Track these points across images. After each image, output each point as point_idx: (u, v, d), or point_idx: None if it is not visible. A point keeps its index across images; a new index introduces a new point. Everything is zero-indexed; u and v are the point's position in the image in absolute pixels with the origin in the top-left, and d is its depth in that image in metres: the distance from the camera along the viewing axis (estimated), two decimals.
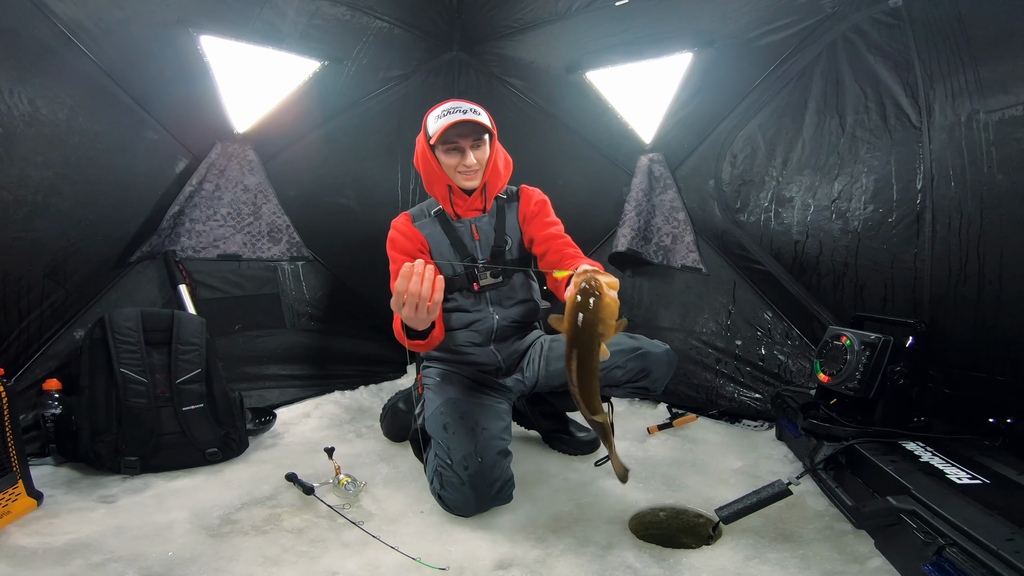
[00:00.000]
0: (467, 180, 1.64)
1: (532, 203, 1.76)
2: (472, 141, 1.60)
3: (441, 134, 1.56)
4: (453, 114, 1.56)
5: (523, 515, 1.52)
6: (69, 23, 1.77)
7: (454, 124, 1.54)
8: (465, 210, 1.71)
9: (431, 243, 1.71)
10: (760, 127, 2.21)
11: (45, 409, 1.76)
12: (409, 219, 1.74)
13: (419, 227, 1.71)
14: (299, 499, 1.59)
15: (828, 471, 1.52)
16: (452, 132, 1.56)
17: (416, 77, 2.74)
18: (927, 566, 1.06)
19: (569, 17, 2.48)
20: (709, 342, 2.41)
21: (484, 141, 1.62)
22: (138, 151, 2.05)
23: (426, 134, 1.63)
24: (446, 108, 1.59)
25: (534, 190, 1.81)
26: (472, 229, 1.71)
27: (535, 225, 1.74)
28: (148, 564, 1.26)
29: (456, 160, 1.61)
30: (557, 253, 1.67)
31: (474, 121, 1.55)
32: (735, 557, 1.33)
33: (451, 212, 1.71)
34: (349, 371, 2.64)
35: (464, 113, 1.56)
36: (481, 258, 1.71)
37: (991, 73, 1.61)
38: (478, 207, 1.71)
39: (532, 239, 1.74)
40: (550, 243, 1.69)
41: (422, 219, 1.73)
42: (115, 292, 2.08)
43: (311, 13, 2.29)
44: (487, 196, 1.70)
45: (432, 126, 1.60)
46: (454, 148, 1.60)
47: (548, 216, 1.77)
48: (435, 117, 1.60)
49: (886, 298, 1.95)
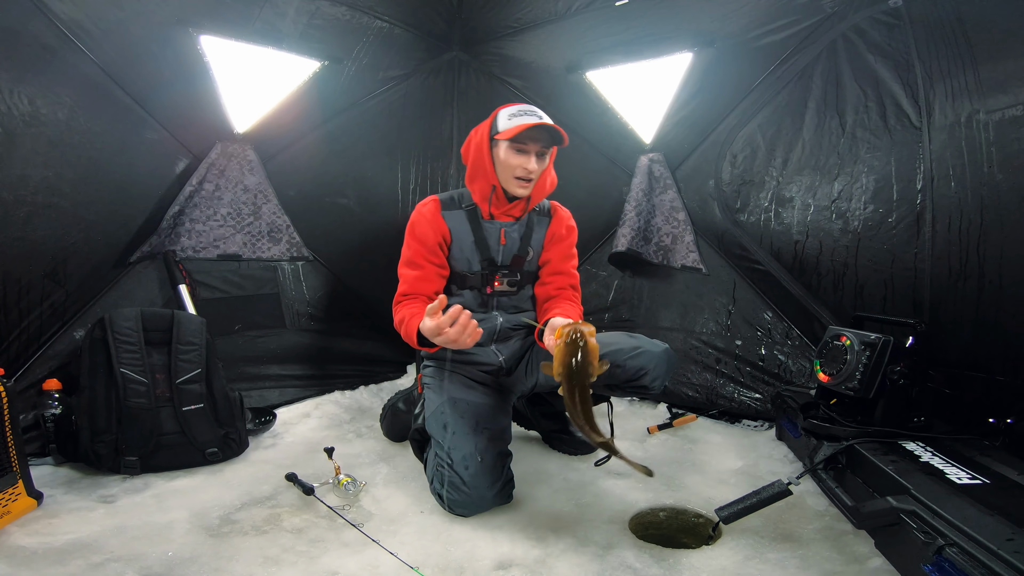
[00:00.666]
0: (519, 187, 1.62)
1: (563, 226, 1.79)
2: (540, 148, 1.58)
3: (517, 132, 1.53)
4: (531, 116, 1.56)
5: (523, 515, 1.52)
6: (69, 23, 1.76)
7: (533, 127, 1.53)
8: (500, 213, 1.69)
9: (453, 236, 1.68)
10: (760, 127, 2.21)
11: (45, 409, 1.76)
12: (438, 207, 1.69)
13: (446, 217, 1.68)
14: (299, 499, 1.59)
15: (828, 471, 1.52)
16: (527, 134, 1.54)
17: (416, 77, 2.74)
18: (927, 566, 1.06)
19: (569, 17, 2.48)
20: (709, 342, 2.41)
21: (548, 152, 1.62)
22: (138, 151, 2.04)
23: (492, 128, 1.61)
24: (523, 109, 1.58)
25: (567, 212, 1.83)
26: (501, 233, 1.70)
27: (557, 251, 1.77)
28: (148, 564, 1.26)
29: (519, 162, 1.58)
30: (558, 290, 1.74)
31: (552, 127, 1.54)
32: (735, 557, 1.33)
33: (485, 211, 1.69)
34: (349, 371, 2.64)
35: (541, 119, 1.56)
36: (501, 263, 1.72)
37: (991, 73, 1.61)
38: (514, 214, 1.71)
39: (548, 261, 1.77)
40: (557, 278, 1.75)
41: (452, 209, 1.69)
42: (115, 292, 2.08)
43: (311, 13, 2.29)
44: (527, 206, 1.70)
45: (504, 123, 1.58)
46: (521, 150, 1.58)
47: (571, 247, 1.80)
48: (509, 115, 1.58)
49: (886, 298, 1.95)
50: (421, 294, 1.65)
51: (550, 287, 1.76)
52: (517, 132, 1.53)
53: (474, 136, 1.66)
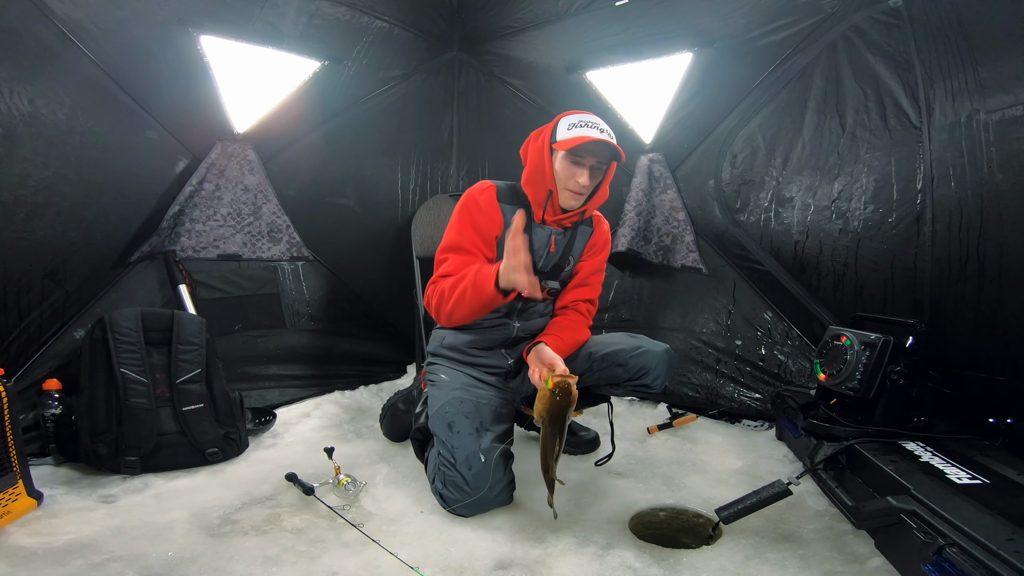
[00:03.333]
0: (571, 199, 1.58)
1: (602, 239, 1.77)
2: (596, 162, 1.54)
3: (574, 145, 1.49)
4: (591, 129, 1.51)
5: (523, 515, 1.52)
6: (69, 23, 1.76)
7: (592, 141, 1.49)
8: (553, 220, 1.64)
9: (506, 229, 1.60)
10: (760, 127, 2.21)
11: (45, 409, 1.76)
12: (495, 195, 1.61)
13: (504, 209, 1.61)
14: (299, 499, 1.59)
15: (828, 471, 1.52)
16: (583, 147, 1.50)
17: (416, 77, 2.74)
18: (927, 566, 1.06)
19: (569, 17, 2.48)
20: (709, 342, 2.41)
21: (604, 168, 1.57)
22: (138, 151, 2.04)
23: (552, 136, 1.56)
24: (584, 120, 1.53)
25: (607, 225, 1.81)
26: (552, 240, 1.66)
27: (591, 263, 1.75)
28: (148, 564, 1.26)
29: (573, 174, 1.54)
30: (573, 304, 1.73)
31: (609, 144, 1.50)
32: (735, 557, 1.33)
33: (538, 215, 1.63)
34: (349, 371, 2.64)
35: (602, 133, 1.51)
36: (540, 268, 1.68)
37: (991, 73, 1.61)
38: (565, 224, 1.67)
39: (579, 271, 1.75)
40: (579, 291, 1.74)
41: (510, 203, 1.63)
42: (115, 292, 2.08)
43: (311, 13, 2.29)
44: (580, 218, 1.67)
45: (563, 132, 1.53)
46: (576, 162, 1.53)
47: (603, 262, 1.79)
48: (569, 124, 1.53)
49: (886, 298, 1.95)
50: None
51: (566, 298, 1.74)
52: (574, 145, 1.48)
53: (534, 139, 1.62)
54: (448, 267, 1.56)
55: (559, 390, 1.33)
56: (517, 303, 1.70)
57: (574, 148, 1.50)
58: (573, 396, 1.35)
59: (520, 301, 1.69)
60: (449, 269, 1.55)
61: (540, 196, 1.61)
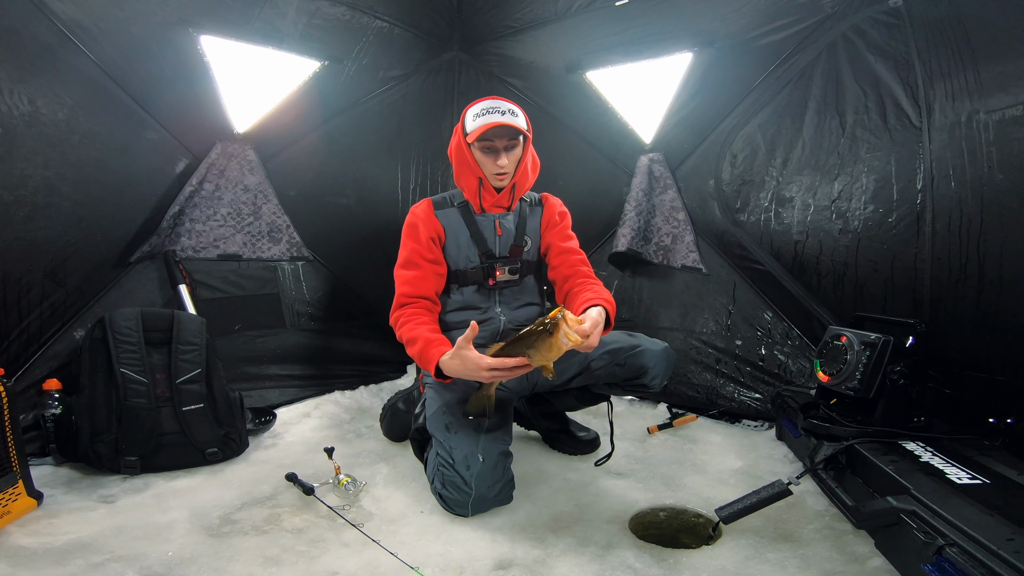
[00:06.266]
0: (498, 180, 1.67)
1: (555, 212, 1.82)
2: (507, 142, 1.62)
3: (479, 134, 1.57)
4: (491, 115, 1.58)
5: (523, 515, 1.52)
6: (69, 23, 1.76)
7: (492, 127, 1.56)
8: (491, 205, 1.73)
9: (448, 233, 1.72)
10: (760, 127, 2.21)
11: (45, 409, 1.76)
12: (430, 207, 1.74)
13: (440, 216, 1.72)
14: (299, 499, 1.59)
15: (828, 471, 1.52)
16: (489, 132, 1.58)
17: (416, 77, 2.74)
18: (927, 566, 1.06)
19: (569, 17, 2.48)
20: (709, 342, 2.41)
21: (518, 143, 1.64)
22: (138, 151, 2.04)
23: (463, 129, 1.64)
24: (485, 107, 1.61)
25: (557, 200, 1.86)
26: (496, 224, 1.73)
27: (555, 234, 1.79)
28: (148, 564, 1.26)
29: (490, 160, 1.63)
30: (571, 268, 1.74)
31: (511, 125, 1.57)
32: (735, 557, 1.33)
33: (476, 205, 1.72)
34: (349, 371, 2.64)
35: (503, 115, 1.58)
36: (499, 254, 1.74)
37: (991, 73, 1.61)
38: (504, 204, 1.74)
39: (549, 246, 1.79)
40: (566, 256, 1.76)
41: (445, 208, 1.74)
42: (115, 292, 2.08)
43: (311, 13, 2.29)
44: (515, 195, 1.73)
45: (470, 124, 1.61)
46: (489, 148, 1.62)
47: (568, 229, 1.82)
48: (473, 115, 1.61)
49: (886, 298, 1.95)
50: (422, 296, 1.66)
51: (563, 268, 1.76)
52: (480, 133, 1.57)
53: (454, 136, 1.70)
54: (403, 287, 1.68)
55: (550, 321, 1.30)
56: (495, 291, 1.76)
57: (482, 135, 1.57)
58: (558, 332, 1.30)
59: (496, 291, 1.76)
60: (404, 290, 1.68)
61: (472, 185, 1.70)
